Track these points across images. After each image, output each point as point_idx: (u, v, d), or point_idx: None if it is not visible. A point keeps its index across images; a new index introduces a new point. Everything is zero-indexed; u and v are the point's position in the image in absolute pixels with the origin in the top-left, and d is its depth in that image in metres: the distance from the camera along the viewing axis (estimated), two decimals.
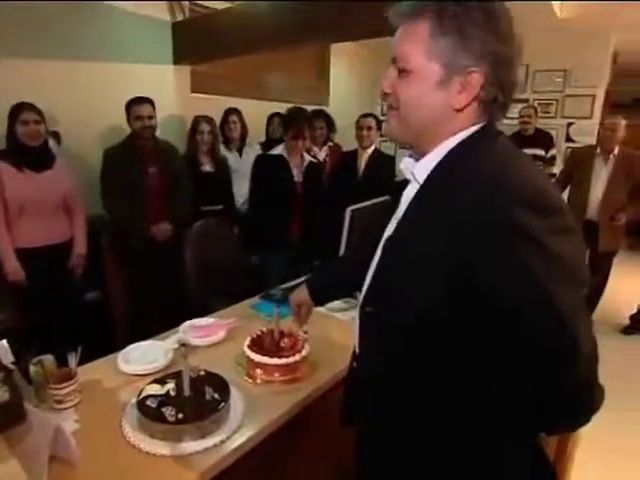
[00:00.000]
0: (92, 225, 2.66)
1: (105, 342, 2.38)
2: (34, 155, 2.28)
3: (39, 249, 2.31)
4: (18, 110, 2.24)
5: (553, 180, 4.00)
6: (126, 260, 2.77)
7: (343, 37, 3.45)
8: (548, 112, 4.67)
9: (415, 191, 0.83)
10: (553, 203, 0.70)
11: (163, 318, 2.66)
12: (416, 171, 0.83)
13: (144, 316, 2.74)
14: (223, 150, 3.33)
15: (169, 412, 1.13)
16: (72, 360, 1.27)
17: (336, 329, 1.72)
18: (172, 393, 1.21)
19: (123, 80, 3.13)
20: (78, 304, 2.53)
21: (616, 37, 4.17)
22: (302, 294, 1.36)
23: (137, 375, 1.39)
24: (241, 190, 3.25)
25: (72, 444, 1.00)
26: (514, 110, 4.20)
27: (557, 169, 4.11)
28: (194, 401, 1.18)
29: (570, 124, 4.63)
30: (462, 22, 0.73)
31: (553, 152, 4.15)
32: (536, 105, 4.45)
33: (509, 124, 4.13)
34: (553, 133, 4.36)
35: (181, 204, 2.80)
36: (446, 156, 0.79)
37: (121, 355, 1.47)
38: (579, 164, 3.56)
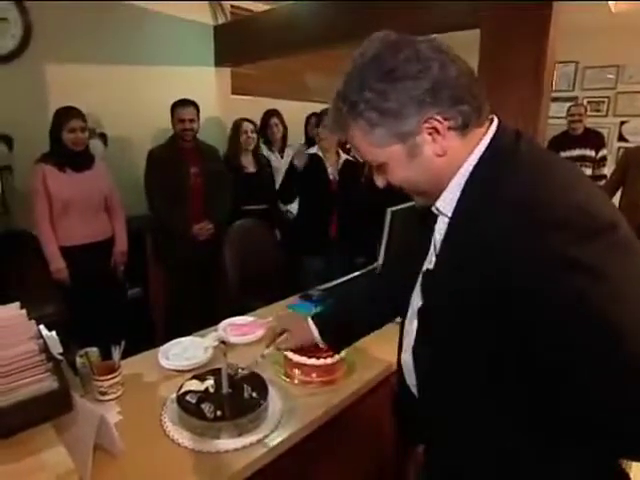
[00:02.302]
0: (136, 224, 2.75)
1: (145, 337, 2.46)
2: (76, 157, 2.37)
3: (82, 247, 2.40)
4: (65, 116, 2.31)
5: (603, 182, 3.81)
6: (167, 258, 2.84)
7: None
8: (599, 110, 4.45)
9: (446, 225, 0.80)
10: (600, 220, 0.63)
11: (201, 315, 2.73)
12: (440, 206, 0.80)
13: (182, 313, 2.81)
14: (265, 151, 3.36)
15: (208, 409, 1.13)
16: (115, 353, 1.30)
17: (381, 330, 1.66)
18: (211, 390, 1.22)
19: (165, 82, 3.22)
20: (121, 299, 2.62)
21: None
22: (300, 325, 1.25)
23: (177, 371, 1.41)
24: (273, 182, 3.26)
25: (115, 435, 1.02)
26: (562, 109, 4.04)
27: (608, 170, 3.90)
28: (233, 399, 1.18)
29: (623, 122, 4.39)
30: (376, 105, 0.72)
31: (604, 152, 3.94)
32: (585, 103, 4.25)
33: (557, 123, 3.96)
34: (604, 132, 4.15)
35: (221, 204, 2.85)
36: (467, 184, 0.76)
37: (161, 350, 1.50)
38: (633, 164, 3.37)
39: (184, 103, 2.70)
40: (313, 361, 1.38)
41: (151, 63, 3.16)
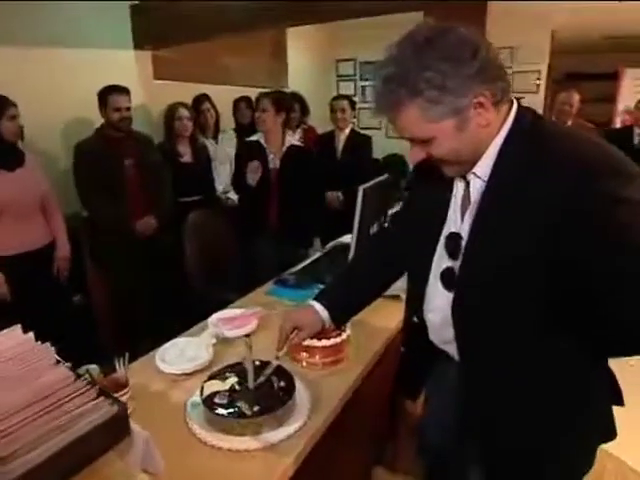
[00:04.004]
0: (68, 224, 2.46)
1: (95, 346, 2.25)
2: (10, 152, 2.07)
3: (20, 256, 2.11)
4: (4, 102, 2.01)
5: None
6: (108, 259, 2.60)
7: (306, 21, 3.41)
8: None
9: (482, 187, 0.89)
10: (633, 168, 0.78)
11: (159, 318, 2.58)
12: (478, 171, 0.89)
13: (132, 317, 2.62)
14: (200, 138, 3.19)
15: (245, 406, 1.10)
16: (121, 366, 1.19)
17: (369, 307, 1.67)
18: (237, 387, 1.17)
19: (80, 66, 2.85)
20: (67, 310, 2.35)
21: (556, 16, 4.43)
22: (308, 315, 1.26)
23: (184, 374, 1.34)
24: (220, 178, 3.15)
25: (157, 454, 0.95)
26: None
27: None
28: (265, 392, 1.15)
29: (519, 99, 4.87)
30: (438, 84, 0.78)
31: None
32: None
33: None
34: None
35: (162, 196, 2.67)
36: (502, 151, 0.86)
37: (158, 356, 1.40)
38: None
39: (119, 90, 2.45)
40: (324, 342, 1.38)
41: (61, 45, 2.77)
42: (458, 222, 0.97)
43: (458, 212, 0.98)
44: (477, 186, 0.91)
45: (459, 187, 0.98)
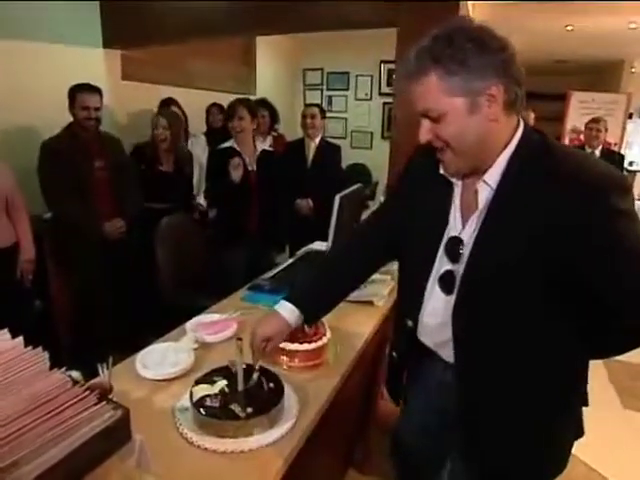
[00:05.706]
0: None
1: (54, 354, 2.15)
2: None
3: None
4: None
5: None
6: (72, 262, 2.50)
7: (278, 30, 3.46)
8: None
9: (490, 195, 0.94)
10: (626, 183, 0.88)
11: (120, 323, 2.50)
12: (487, 179, 0.93)
13: (95, 322, 2.53)
14: None
15: (238, 408, 1.10)
16: (105, 372, 1.16)
17: (344, 309, 1.58)
18: (227, 390, 1.18)
19: (47, 62, 2.74)
20: (29, 314, 2.24)
21: (514, 38, 4.70)
22: (275, 325, 1.23)
23: (165, 380, 1.32)
24: (191, 183, 3.10)
25: (149, 459, 0.94)
26: None
27: None
28: (256, 393, 1.17)
29: None
30: (460, 59, 0.84)
31: None
32: None
33: None
34: None
35: (130, 199, 2.61)
36: (511, 161, 0.91)
37: (139, 361, 1.37)
38: None
39: (89, 88, 2.37)
40: (305, 346, 1.40)
41: (24, 39, 2.63)
42: (458, 226, 1.00)
43: (458, 217, 1.01)
44: (485, 193, 0.94)
45: (457, 192, 1.02)
